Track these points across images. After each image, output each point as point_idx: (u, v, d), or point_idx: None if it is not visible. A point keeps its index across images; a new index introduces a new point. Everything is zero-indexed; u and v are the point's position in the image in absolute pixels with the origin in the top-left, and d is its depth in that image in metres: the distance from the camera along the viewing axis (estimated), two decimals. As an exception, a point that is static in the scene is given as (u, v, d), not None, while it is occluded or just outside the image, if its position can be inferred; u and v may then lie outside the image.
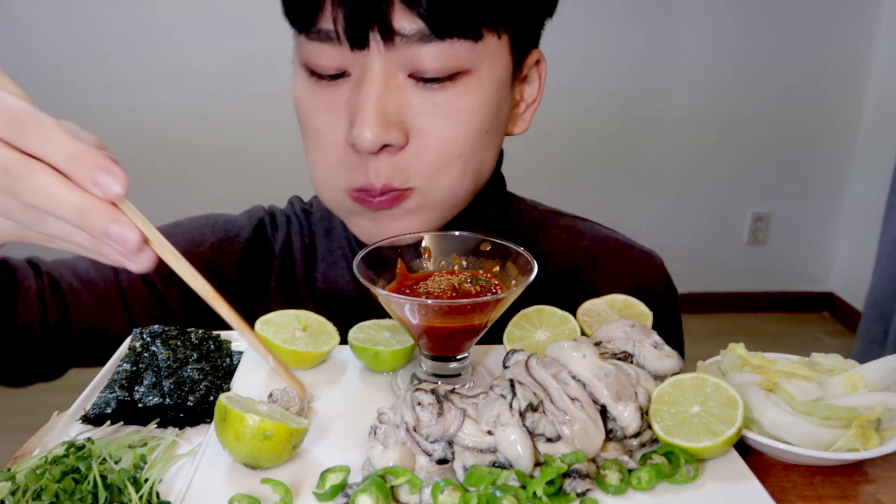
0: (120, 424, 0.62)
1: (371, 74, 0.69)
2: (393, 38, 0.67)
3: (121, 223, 0.47)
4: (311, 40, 0.70)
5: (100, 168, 0.46)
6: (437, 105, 0.71)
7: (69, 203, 0.46)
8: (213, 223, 0.93)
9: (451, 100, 0.71)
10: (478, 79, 0.71)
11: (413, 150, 0.72)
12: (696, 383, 0.59)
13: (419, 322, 0.62)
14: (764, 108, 3.32)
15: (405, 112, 0.70)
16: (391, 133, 0.69)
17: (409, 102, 0.70)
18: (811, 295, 3.66)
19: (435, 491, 0.51)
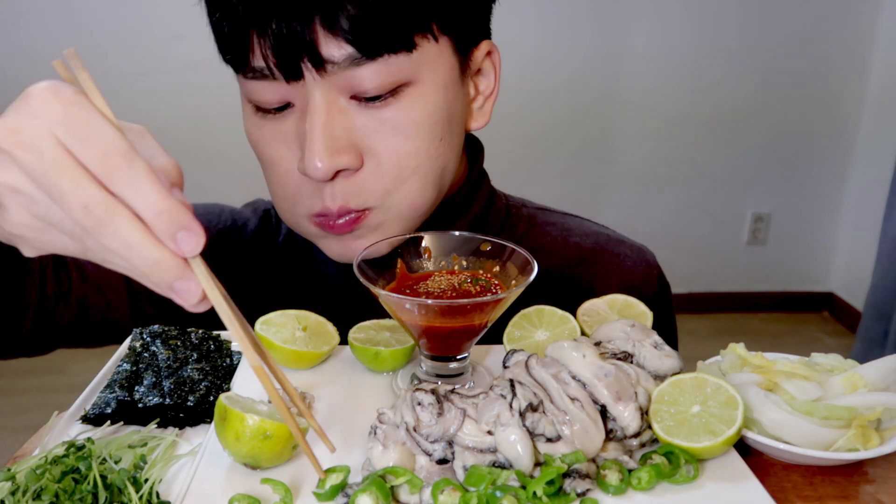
0: (120, 424, 0.62)
1: (313, 104, 0.68)
2: (325, 65, 0.66)
3: (187, 280, 0.47)
4: (249, 79, 0.70)
5: (182, 226, 0.46)
6: (383, 122, 0.70)
7: (144, 256, 0.46)
8: (220, 211, 0.95)
9: (397, 115, 0.70)
10: (421, 88, 0.70)
11: (368, 171, 0.71)
12: (696, 383, 0.59)
13: (419, 322, 0.62)
14: (764, 107, 3.32)
15: (353, 134, 0.70)
16: (342, 158, 0.69)
17: (355, 124, 0.69)
18: (811, 295, 3.66)
19: (435, 491, 0.51)
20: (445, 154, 0.75)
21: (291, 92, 0.69)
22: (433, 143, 0.73)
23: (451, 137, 0.76)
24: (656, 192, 3.42)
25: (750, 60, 3.24)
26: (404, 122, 0.70)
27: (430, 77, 0.71)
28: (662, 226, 3.45)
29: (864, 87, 3.32)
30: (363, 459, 0.57)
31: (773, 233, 3.55)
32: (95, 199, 0.44)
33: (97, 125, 0.45)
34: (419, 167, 0.73)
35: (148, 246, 0.45)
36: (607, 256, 0.93)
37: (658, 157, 3.37)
